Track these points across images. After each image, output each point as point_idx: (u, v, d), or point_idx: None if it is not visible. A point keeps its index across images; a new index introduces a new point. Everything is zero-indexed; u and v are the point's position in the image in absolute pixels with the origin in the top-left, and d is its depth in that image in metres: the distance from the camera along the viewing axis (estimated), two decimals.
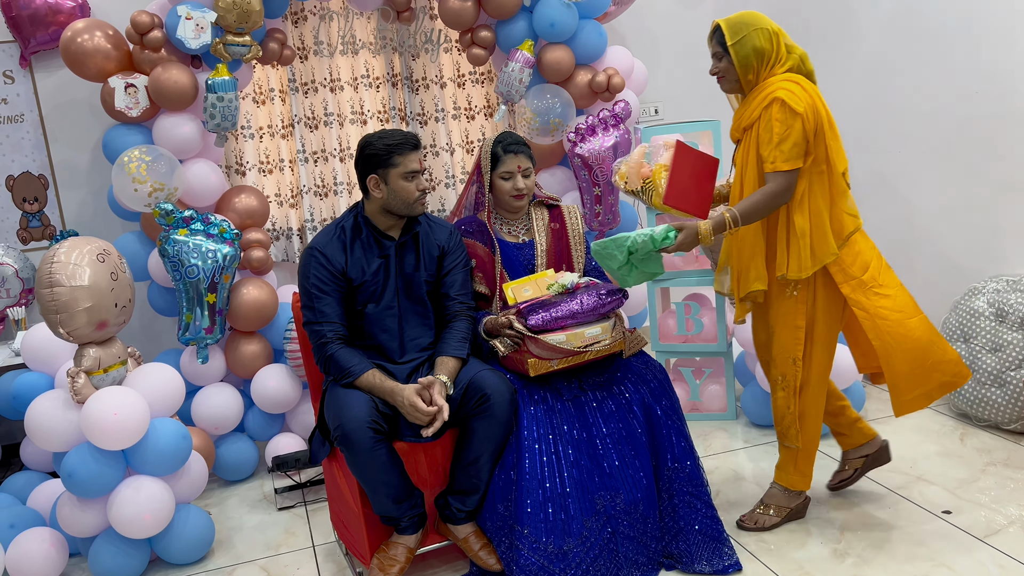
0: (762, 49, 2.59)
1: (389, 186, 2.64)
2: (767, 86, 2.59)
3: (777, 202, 2.58)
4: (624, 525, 2.55)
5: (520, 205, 2.89)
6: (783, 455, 2.89)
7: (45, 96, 3.99)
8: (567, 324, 2.61)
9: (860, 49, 4.18)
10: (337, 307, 2.64)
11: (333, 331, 2.61)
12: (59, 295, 2.63)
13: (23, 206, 4.04)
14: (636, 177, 2.69)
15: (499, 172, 2.86)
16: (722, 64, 2.66)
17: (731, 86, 2.70)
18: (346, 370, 2.56)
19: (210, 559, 3.02)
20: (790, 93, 2.53)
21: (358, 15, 4.25)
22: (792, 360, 2.73)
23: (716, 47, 2.67)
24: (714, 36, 2.68)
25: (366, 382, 2.55)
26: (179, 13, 3.31)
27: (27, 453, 3.43)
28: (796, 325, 2.70)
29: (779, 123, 2.53)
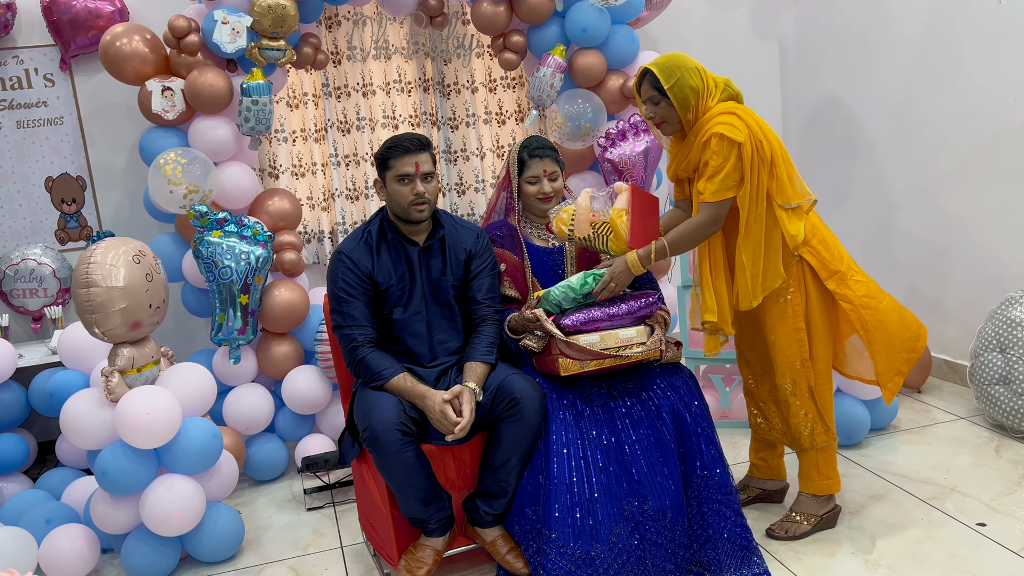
0: (696, 87, 2.62)
1: (387, 189, 2.65)
2: (705, 123, 2.62)
3: (704, 232, 2.64)
4: (652, 532, 2.54)
5: (547, 208, 2.89)
6: (804, 463, 2.87)
7: (84, 99, 4.07)
8: (602, 326, 2.60)
9: (896, 57, 4.13)
10: (366, 311, 2.66)
11: (364, 335, 2.63)
12: (95, 295, 2.67)
13: (61, 207, 4.11)
14: (585, 224, 2.68)
15: (525, 176, 2.86)
16: (660, 108, 2.68)
17: (672, 128, 2.72)
18: (377, 373, 2.57)
19: (239, 558, 3.05)
20: (728, 126, 2.56)
21: (391, 20, 4.28)
22: (799, 363, 2.74)
23: (651, 91, 2.67)
24: (645, 81, 2.68)
25: (396, 386, 2.56)
26: (215, 17, 3.36)
27: (62, 450, 3.48)
28: (797, 328, 2.72)
29: (716, 156, 2.57)
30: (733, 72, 4.77)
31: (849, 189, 4.56)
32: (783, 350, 2.74)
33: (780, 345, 2.74)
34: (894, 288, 4.34)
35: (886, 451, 3.42)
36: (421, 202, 2.63)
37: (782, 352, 2.74)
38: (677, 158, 2.78)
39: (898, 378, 2.77)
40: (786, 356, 2.74)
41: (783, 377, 2.76)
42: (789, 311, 2.71)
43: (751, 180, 2.59)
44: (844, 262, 2.73)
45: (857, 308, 2.69)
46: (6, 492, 3.42)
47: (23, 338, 4.06)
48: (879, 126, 4.31)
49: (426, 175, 2.64)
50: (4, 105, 3.98)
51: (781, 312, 2.71)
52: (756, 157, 2.58)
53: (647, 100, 2.70)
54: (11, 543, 2.81)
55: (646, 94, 2.70)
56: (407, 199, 2.62)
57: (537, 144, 2.87)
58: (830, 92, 4.59)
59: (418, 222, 2.68)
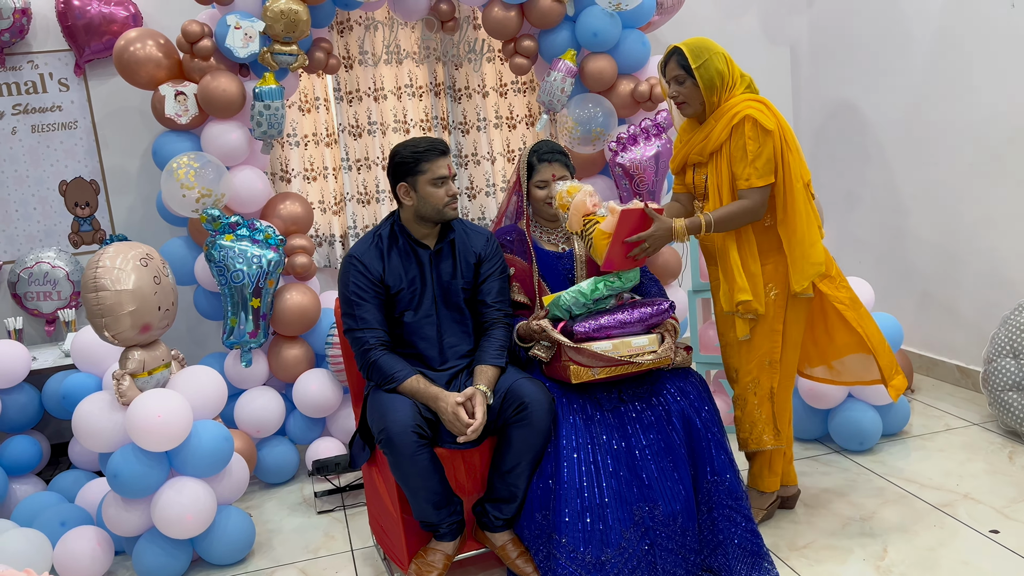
0: (722, 72, 2.68)
1: (418, 193, 2.66)
2: (730, 107, 2.67)
3: (751, 217, 2.67)
4: (663, 537, 2.53)
5: (555, 212, 2.89)
6: (757, 462, 2.93)
7: (98, 103, 4.09)
8: (613, 334, 2.60)
9: (908, 61, 4.12)
10: (377, 313, 2.66)
11: (376, 337, 2.64)
12: (104, 299, 2.68)
13: (75, 211, 4.14)
14: (578, 218, 2.70)
15: (535, 181, 2.88)
16: (684, 87, 2.71)
17: (694, 110, 2.75)
18: (390, 376, 2.58)
19: (250, 561, 3.06)
20: (760, 112, 2.62)
21: (403, 25, 4.30)
22: (768, 363, 2.78)
23: (678, 70, 2.71)
24: (672, 59, 2.72)
25: (410, 388, 2.56)
26: (228, 23, 3.38)
27: (75, 452, 3.50)
28: (774, 329, 2.76)
29: (752, 141, 2.61)
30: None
31: (861, 194, 4.54)
32: (757, 347, 2.77)
33: (755, 342, 2.77)
34: (906, 293, 4.32)
35: (898, 457, 3.41)
36: (455, 201, 2.69)
37: (755, 349, 2.77)
38: (691, 143, 2.79)
39: (900, 375, 2.80)
40: (757, 353, 2.77)
41: (748, 374, 2.80)
42: (770, 310, 2.74)
43: (781, 167, 2.66)
44: (834, 268, 2.80)
45: (852, 308, 2.76)
46: (19, 494, 3.44)
47: (37, 340, 4.09)
48: (891, 130, 4.30)
49: (454, 176, 2.71)
50: (19, 109, 4.02)
51: (768, 311, 2.75)
52: (784, 146, 2.66)
53: (672, 79, 2.74)
54: (26, 544, 2.83)
55: (672, 72, 2.73)
56: (443, 200, 2.66)
57: (547, 148, 2.88)
58: (842, 97, 4.58)
59: (449, 220, 2.72)
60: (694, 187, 2.86)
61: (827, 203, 4.67)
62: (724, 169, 2.71)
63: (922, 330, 4.26)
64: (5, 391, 3.44)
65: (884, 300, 4.36)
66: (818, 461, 3.44)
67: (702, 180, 2.79)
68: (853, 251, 4.64)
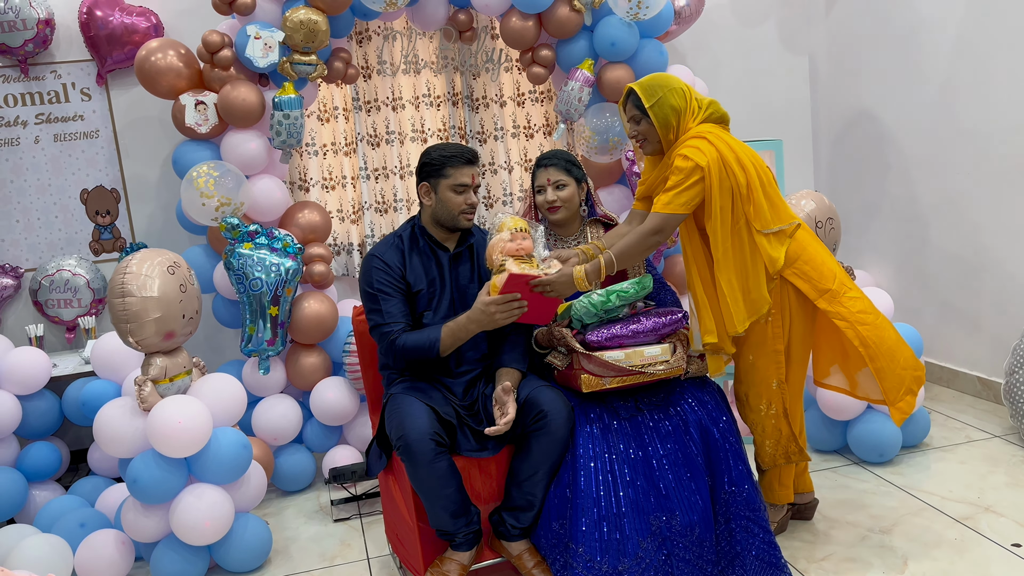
0: (678, 107, 2.64)
1: (438, 196, 2.70)
2: (678, 146, 2.64)
3: (648, 242, 2.63)
4: (680, 548, 2.52)
5: (556, 219, 2.91)
6: (767, 476, 2.91)
7: (119, 113, 4.14)
8: (626, 343, 2.60)
9: (930, 70, 4.10)
10: (403, 307, 2.69)
11: (400, 328, 2.66)
12: (130, 305, 2.71)
13: (96, 219, 4.18)
14: (489, 258, 2.61)
15: (535, 187, 2.91)
16: (641, 127, 2.71)
17: (653, 148, 2.73)
18: (427, 345, 2.60)
19: (267, 568, 3.07)
20: (695, 149, 2.58)
21: (421, 35, 4.32)
22: (776, 384, 2.75)
23: (634, 111, 2.71)
24: (628, 100, 2.72)
25: (449, 337, 2.59)
26: (248, 33, 3.41)
27: (94, 458, 3.53)
28: (776, 350, 2.72)
29: (675, 173, 2.59)
30: (763, 86, 4.77)
31: (881, 204, 4.51)
32: (761, 371, 2.74)
33: (758, 366, 2.74)
34: (927, 304, 4.29)
35: (918, 469, 3.38)
36: (471, 212, 2.71)
37: (759, 372, 2.74)
38: (650, 179, 2.80)
39: (909, 397, 2.67)
40: (763, 377, 2.74)
41: (758, 398, 2.77)
42: (769, 333, 2.70)
43: (717, 205, 2.59)
44: (836, 280, 2.68)
45: (853, 325, 2.64)
46: (39, 500, 3.47)
47: (57, 348, 4.13)
48: (911, 140, 4.27)
49: (477, 187, 2.72)
50: (42, 119, 4.06)
51: (761, 334, 2.70)
52: (725, 182, 2.58)
53: (630, 119, 2.75)
54: (47, 550, 2.85)
55: (629, 112, 2.74)
56: (459, 208, 2.69)
57: (547, 155, 2.93)
58: (862, 106, 4.56)
59: (463, 229, 2.74)
60: None
61: (845, 212, 4.65)
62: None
63: (942, 341, 4.22)
64: (26, 397, 3.47)
65: (903, 311, 4.33)
66: (837, 473, 3.41)
67: None
68: (872, 261, 4.61)
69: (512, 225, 2.59)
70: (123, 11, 3.94)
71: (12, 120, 4.03)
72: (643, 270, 2.94)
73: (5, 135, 4.04)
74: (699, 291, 2.73)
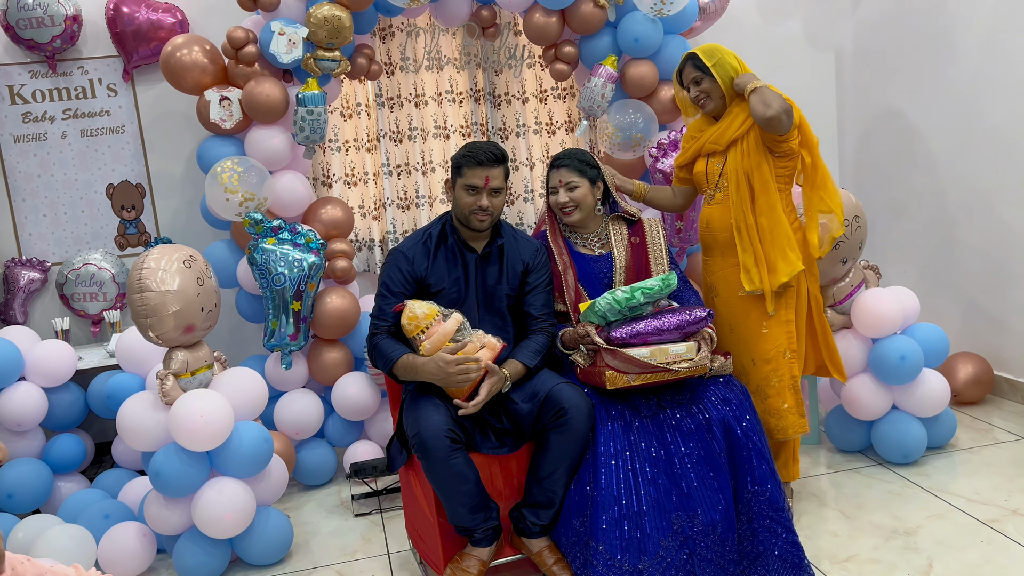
0: (736, 67, 2.88)
1: (455, 194, 2.71)
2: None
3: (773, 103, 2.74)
4: (701, 547, 2.50)
5: (570, 221, 2.89)
6: (783, 454, 3.02)
7: (145, 108, 4.17)
8: (650, 340, 2.58)
9: (958, 67, 4.04)
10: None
11: (386, 327, 2.69)
12: (148, 299, 2.72)
13: (121, 213, 4.21)
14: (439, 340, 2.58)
15: (548, 188, 2.92)
16: (704, 85, 2.91)
17: (716, 104, 2.93)
18: (386, 357, 2.63)
19: (288, 562, 3.08)
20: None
21: (444, 31, 4.32)
22: (786, 353, 2.89)
23: (695, 72, 2.92)
24: (688, 64, 2.94)
25: (401, 366, 2.60)
26: (273, 29, 3.42)
27: (118, 451, 3.56)
28: (788, 319, 2.90)
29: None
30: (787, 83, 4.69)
31: (907, 202, 4.46)
32: (774, 339, 2.88)
33: (772, 334, 2.88)
34: (954, 303, 4.23)
35: (944, 471, 3.33)
36: (483, 214, 2.68)
37: (772, 341, 2.88)
38: (706, 135, 2.96)
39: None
40: (775, 345, 2.88)
41: (768, 366, 2.88)
42: (783, 301, 2.88)
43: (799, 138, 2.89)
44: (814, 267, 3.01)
45: (819, 305, 3.01)
46: (64, 491, 3.51)
47: (83, 341, 4.17)
48: (939, 137, 4.22)
49: (494, 190, 2.68)
50: (69, 114, 4.10)
51: (782, 302, 2.88)
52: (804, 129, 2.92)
53: (691, 81, 2.94)
54: (70, 540, 2.88)
55: (690, 76, 2.94)
56: (468, 208, 2.68)
57: (559, 156, 2.92)
58: (888, 103, 4.50)
59: (477, 230, 2.72)
60: (707, 176, 2.98)
61: (871, 210, 4.60)
62: (748, 155, 2.86)
63: (969, 341, 4.16)
64: (52, 390, 3.50)
65: (929, 310, 4.27)
66: (860, 473, 3.38)
67: (717, 168, 2.94)
68: (898, 260, 4.56)
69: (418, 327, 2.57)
70: (149, 7, 3.97)
71: (40, 115, 4.08)
72: (667, 268, 2.92)
73: (33, 130, 4.08)
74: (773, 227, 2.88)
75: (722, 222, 2.94)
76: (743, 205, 2.88)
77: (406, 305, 2.61)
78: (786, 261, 2.85)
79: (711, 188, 2.99)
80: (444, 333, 2.56)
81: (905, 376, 3.32)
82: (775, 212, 2.86)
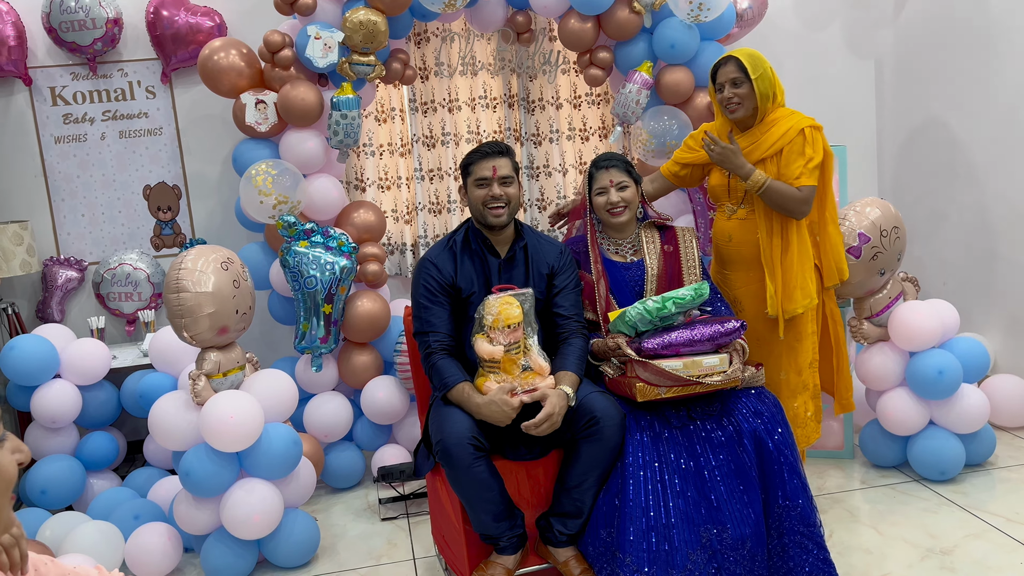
0: (774, 84, 2.91)
1: (468, 194, 2.72)
2: (783, 117, 2.90)
3: (796, 208, 2.86)
4: (730, 561, 2.46)
5: (619, 222, 2.86)
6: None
7: (182, 111, 4.21)
8: (682, 351, 2.55)
9: (1002, 75, 3.95)
10: (445, 317, 2.67)
11: (438, 341, 2.64)
12: (184, 300, 2.75)
13: (157, 214, 4.26)
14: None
15: (595, 189, 2.87)
16: (742, 90, 2.89)
17: (745, 113, 2.92)
18: (442, 381, 2.59)
19: (314, 564, 3.08)
20: (817, 128, 2.89)
21: (479, 37, 4.32)
22: (810, 364, 2.98)
23: (737, 73, 2.88)
24: (731, 63, 2.90)
25: (455, 394, 2.56)
26: (309, 33, 3.44)
27: (149, 450, 3.60)
28: (812, 331, 2.99)
29: (811, 146, 2.86)
30: (826, 91, 4.67)
31: (948, 213, 4.37)
32: (802, 352, 2.96)
33: (801, 348, 2.95)
34: (995, 318, 4.14)
35: (982, 489, 3.25)
36: (497, 204, 2.65)
37: (802, 354, 2.96)
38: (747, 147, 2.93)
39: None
40: (804, 357, 2.95)
41: (797, 377, 2.95)
42: (809, 314, 2.96)
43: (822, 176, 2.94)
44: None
45: (836, 324, 3.09)
46: (96, 488, 3.55)
47: (118, 340, 4.22)
48: (981, 148, 4.13)
49: (504, 179, 2.67)
50: (108, 116, 4.16)
51: (806, 315, 2.94)
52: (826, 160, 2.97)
53: (730, 81, 2.90)
54: (99, 537, 2.91)
55: (730, 75, 2.90)
56: (480, 200, 2.67)
57: (604, 157, 2.90)
58: (930, 113, 4.42)
59: (494, 226, 2.69)
60: (729, 191, 2.99)
61: (911, 221, 4.51)
62: (774, 173, 2.89)
63: (1012, 356, 4.06)
64: (86, 388, 3.55)
65: (970, 324, 4.18)
66: (895, 490, 3.31)
67: (741, 185, 2.93)
68: (938, 272, 4.47)
69: (502, 323, 2.52)
70: (188, 11, 4.01)
71: (80, 117, 4.14)
72: (700, 277, 2.89)
73: (73, 131, 4.14)
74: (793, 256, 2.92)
75: (747, 236, 2.96)
76: (771, 229, 2.91)
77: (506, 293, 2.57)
78: (804, 292, 2.90)
79: (733, 204, 3.00)
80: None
81: (943, 391, 3.26)
82: (803, 237, 2.92)
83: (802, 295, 2.90)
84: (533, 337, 2.60)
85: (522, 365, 2.56)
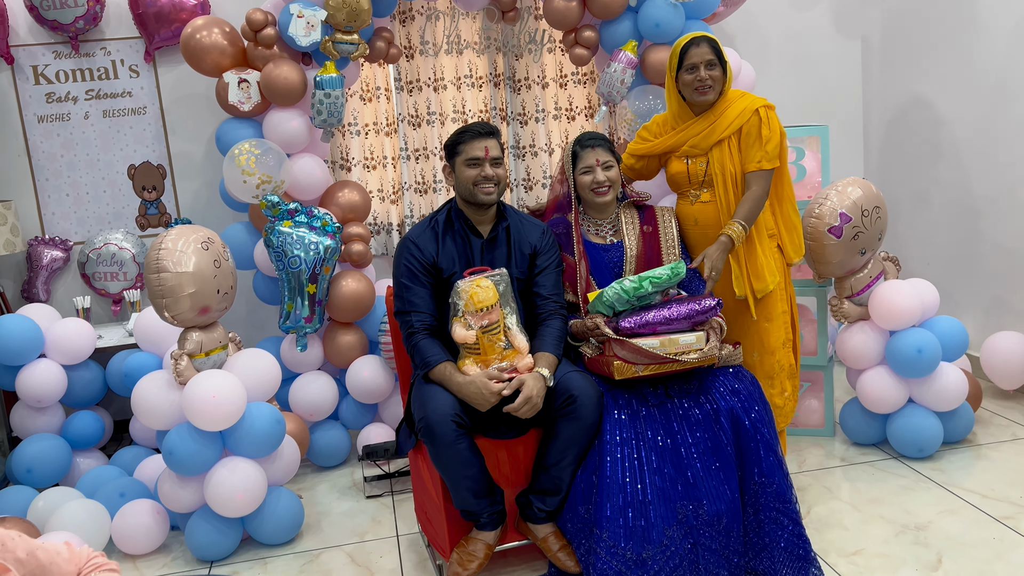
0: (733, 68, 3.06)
1: (456, 174, 2.71)
2: (735, 99, 2.90)
3: (763, 202, 2.88)
4: (706, 537, 2.49)
5: (603, 201, 2.86)
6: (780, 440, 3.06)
7: (166, 90, 4.20)
8: (659, 330, 2.57)
9: (987, 56, 3.96)
10: (427, 297, 2.68)
11: (420, 321, 2.65)
12: (165, 280, 2.75)
13: (142, 194, 4.26)
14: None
15: (579, 169, 2.87)
16: (715, 73, 2.86)
17: (714, 96, 2.89)
18: (424, 360, 2.60)
19: (299, 541, 3.11)
20: (770, 107, 2.88)
21: (464, 15, 4.30)
22: (783, 343, 2.99)
23: (711, 55, 2.85)
24: (704, 44, 2.86)
25: (437, 373, 2.58)
26: (291, 11, 3.42)
27: (135, 429, 3.61)
28: (784, 311, 2.99)
29: (767, 126, 2.85)
30: (813, 70, 4.67)
31: (932, 193, 4.39)
32: (775, 332, 2.96)
33: (772, 328, 2.96)
34: (978, 297, 4.17)
35: (959, 466, 3.30)
36: (488, 183, 2.66)
37: (774, 333, 2.97)
38: (686, 134, 2.94)
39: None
40: (777, 336, 2.97)
41: (772, 356, 2.96)
42: (779, 294, 2.96)
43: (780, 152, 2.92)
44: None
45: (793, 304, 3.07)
46: (83, 467, 3.57)
47: (103, 319, 4.22)
48: (966, 128, 4.14)
49: (494, 159, 2.68)
50: (92, 95, 4.14)
51: (775, 295, 2.95)
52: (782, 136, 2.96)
53: (706, 63, 2.85)
54: (85, 515, 2.94)
55: (706, 56, 2.85)
56: (471, 180, 2.67)
57: (589, 136, 2.90)
58: (915, 92, 4.43)
59: (484, 204, 2.69)
60: (689, 176, 2.97)
61: (894, 201, 4.54)
62: (734, 154, 2.89)
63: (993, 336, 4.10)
64: (71, 367, 3.56)
65: (950, 304, 4.21)
66: (874, 467, 3.35)
67: (701, 168, 2.93)
68: (920, 252, 4.50)
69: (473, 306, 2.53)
70: None
71: (63, 96, 4.12)
72: (679, 257, 2.90)
73: (57, 110, 4.12)
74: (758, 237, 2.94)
75: (712, 219, 2.95)
76: (731, 208, 2.91)
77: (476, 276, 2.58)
78: (768, 269, 2.92)
79: (695, 189, 2.98)
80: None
81: (922, 369, 3.29)
82: (764, 216, 2.93)
83: (768, 272, 2.91)
84: (512, 316, 2.62)
85: (502, 345, 2.58)
